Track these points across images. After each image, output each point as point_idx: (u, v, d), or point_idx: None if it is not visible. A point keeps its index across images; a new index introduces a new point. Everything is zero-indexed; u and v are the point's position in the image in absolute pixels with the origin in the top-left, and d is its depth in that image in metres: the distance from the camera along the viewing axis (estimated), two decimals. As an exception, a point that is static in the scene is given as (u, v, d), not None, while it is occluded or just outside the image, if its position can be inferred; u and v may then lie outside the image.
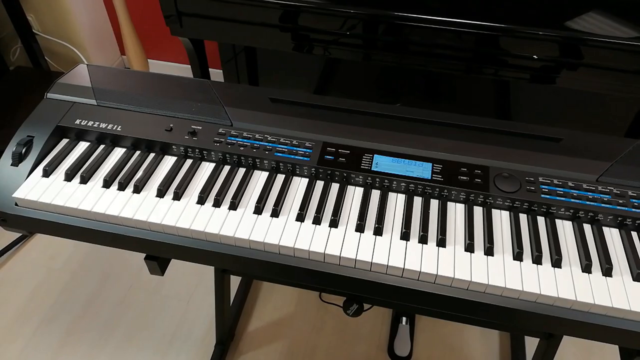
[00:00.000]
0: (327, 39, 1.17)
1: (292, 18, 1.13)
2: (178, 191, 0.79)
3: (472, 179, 0.80)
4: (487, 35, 1.03)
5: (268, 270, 0.75)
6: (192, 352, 1.41)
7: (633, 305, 0.66)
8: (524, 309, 0.69)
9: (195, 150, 0.85)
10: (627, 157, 0.82)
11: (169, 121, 0.88)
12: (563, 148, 0.84)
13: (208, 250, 0.75)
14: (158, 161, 0.85)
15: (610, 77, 1.04)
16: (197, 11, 1.17)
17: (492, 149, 0.83)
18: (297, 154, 0.83)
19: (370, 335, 1.46)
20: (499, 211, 0.79)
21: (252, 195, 0.80)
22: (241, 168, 0.84)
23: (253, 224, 0.75)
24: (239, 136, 0.85)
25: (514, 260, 0.72)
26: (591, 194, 0.77)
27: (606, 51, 1.00)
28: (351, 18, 1.10)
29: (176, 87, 0.95)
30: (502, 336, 1.46)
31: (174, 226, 0.75)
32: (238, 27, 1.19)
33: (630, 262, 0.71)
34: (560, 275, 0.70)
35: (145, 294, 1.54)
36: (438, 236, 0.74)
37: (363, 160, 0.83)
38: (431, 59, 1.13)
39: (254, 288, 1.56)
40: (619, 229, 0.77)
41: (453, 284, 0.71)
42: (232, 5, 1.14)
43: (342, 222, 0.76)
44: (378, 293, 0.74)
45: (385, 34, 1.11)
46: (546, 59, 1.04)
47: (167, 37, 2.17)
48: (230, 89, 0.95)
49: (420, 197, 0.80)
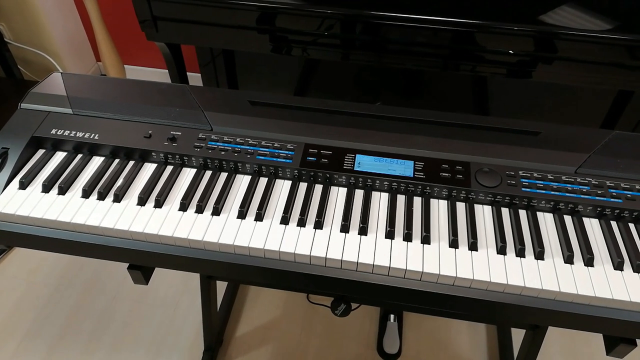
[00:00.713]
0: (305, 40, 1.17)
1: (269, 20, 1.13)
2: (159, 199, 0.78)
3: (453, 175, 0.80)
4: (462, 32, 1.04)
5: (254, 274, 0.75)
6: (181, 359, 1.39)
7: (615, 293, 0.67)
8: (509, 302, 0.70)
9: (176, 157, 0.84)
10: (603, 148, 0.84)
11: (147, 128, 0.86)
12: (541, 141, 0.85)
13: (192, 257, 0.74)
14: (138, 169, 0.83)
15: (584, 69, 1.06)
16: (173, 15, 1.16)
17: (472, 144, 0.84)
18: (279, 156, 0.83)
19: (359, 334, 1.46)
20: (481, 206, 0.80)
21: (235, 199, 0.79)
22: (223, 173, 0.83)
23: (237, 229, 0.74)
24: (219, 140, 0.84)
25: (498, 254, 0.72)
26: (570, 185, 0.79)
27: (579, 44, 1.02)
28: (328, 18, 1.10)
29: (154, 93, 0.93)
30: (489, 328, 1.48)
31: (156, 234, 0.74)
32: (215, 30, 1.18)
33: (611, 251, 0.73)
34: (544, 267, 0.71)
35: (130, 304, 1.52)
36: (422, 233, 0.75)
37: (345, 160, 0.83)
38: (409, 57, 1.13)
39: (241, 292, 1.55)
40: (598, 219, 0.78)
41: (439, 281, 0.71)
42: (208, 9, 1.13)
43: (326, 223, 0.76)
44: (365, 292, 0.74)
45: (363, 34, 1.11)
46: (522, 54, 1.06)
47: (143, 42, 2.15)
48: (209, 93, 0.94)
49: (403, 195, 0.81)
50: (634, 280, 0.69)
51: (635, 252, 0.72)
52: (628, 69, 1.04)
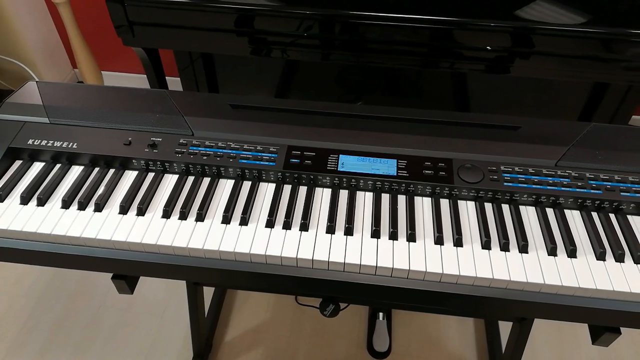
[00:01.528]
0: (284, 42, 1.16)
1: (247, 22, 1.12)
2: (142, 206, 0.76)
3: (436, 173, 0.81)
4: (440, 30, 1.05)
5: (241, 279, 0.74)
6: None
7: (598, 283, 0.68)
8: (495, 296, 0.70)
9: (157, 163, 0.83)
10: (582, 140, 0.85)
11: (127, 135, 0.85)
12: (521, 136, 0.86)
13: (177, 264, 0.73)
14: (118, 177, 0.82)
15: (561, 63, 1.08)
16: (150, 20, 1.15)
17: (454, 141, 0.85)
18: (262, 159, 0.82)
19: (348, 333, 1.46)
20: (464, 202, 0.80)
21: (219, 204, 0.78)
22: (205, 178, 0.83)
23: (222, 235, 0.74)
24: (201, 145, 0.84)
25: (483, 249, 0.73)
26: (551, 178, 0.80)
27: (555, 39, 1.03)
28: (307, 19, 1.10)
29: (133, 99, 0.92)
30: (477, 322, 1.49)
31: (139, 243, 0.73)
32: (193, 34, 1.16)
33: (593, 242, 0.74)
34: (528, 261, 0.71)
35: (116, 313, 1.50)
36: (408, 231, 0.75)
37: (329, 161, 0.82)
38: (389, 56, 1.14)
39: (229, 296, 1.54)
40: (580, 211, 0.79)
41: (426, 278, 0.71)
42: (185, 13, 1.12)
43: (312, 225, 0.76)
44: (353, 292, 0.74)
45: (341, 34, 1.11)
46: (499, 50, 1.07)
47: (120, 47, 2.12)
48: (189, 98, 0.93)
49: (387, 194, 0.81)
50: (616, 270, 0.70)
51: (616, 242, 0.73)
52: (603, 62, 1.06)
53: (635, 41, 1.01)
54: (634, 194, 0.78)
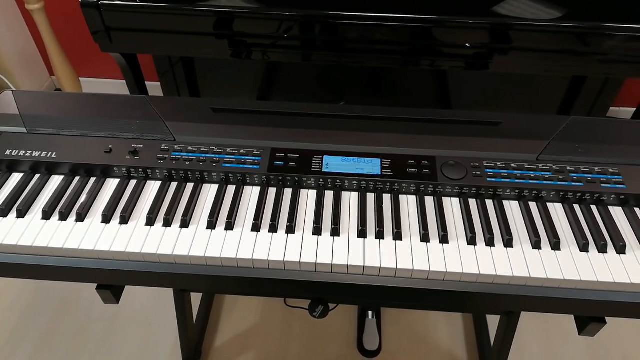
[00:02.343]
0: (264, 43, 1.16)
1: (226, 25, 1.11)
2: (124, 215, 0.75)
3: (420, 170, 0.81)
4: (419, 28, 1.06)
5: (228, 285, 0.74)
6: (159, 376, 1.37)
7: (583, 275, 0.69)
8: (482, 291, 0.71)
9: (139, 170, 0.82)
10: (562, 133, 0.86)
11: (107, 142, 0.84)
12: (503, 131, 0.87)
13: (163, 272, 0.72)
14: (100, 185, 0.81)
15: (539, 58, 1.09)
16: (127, 25, 1.13)
17: (436, 139, 0.85)
18: (246, 162, 0.82)
19: (339, 333, 1.46)
20: (449, 199, 0.81)
21: (204, 210, 0.78)
22: (189, 183, 0.82)
23: (207, 240, 0.73)
24: (183, 150, 0.83)
25: (469, 245, 0.74)
26: (533, 172, 0.81)
27: (532, 34, 1.05)
28: (286, 20, 1.10)
29: (112, 106, 0.91)
30: (466, 317, 1.50)
31: (124, 252, 0.71)
32: (172, 38, 1.15)
33: (576, 234, 0.75)
34: (513, 255, 0.72)
35: (103, 323, 1.48)
36: (394, 230, 0.75)
37: (313, 162, 0.82)
38: (369, 55, 1.14)
39: (217, 301, 1.53)
40: (562, 204, 0.80)
41: (413, 276, 0.72)
42: (163, 17, 1.11)
43: (298, 227, 0.76)
44: (342, 293, 0.74)
45: (321, 34, 1.11)
46: (478, 46, 1.08)
47: (97, 53, 2.08)
48: (170, 103, 0.92)
49: (372, 193, 0.81)
50: (599, 261, 0.71)
51: (598, 233, 0.74)
52: (580, 56, 1.08)
53: (610, 34, 1.03)
54: (614, 185, 0.79)
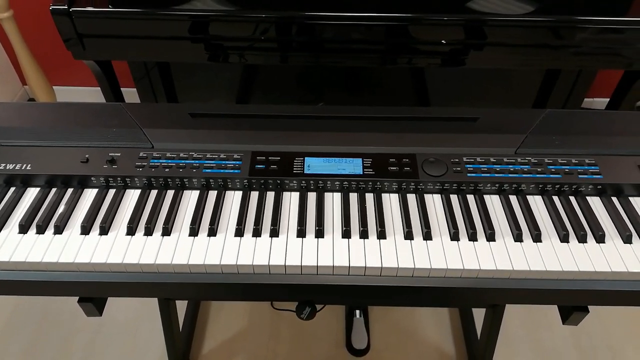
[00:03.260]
0: (241, 46, 1.15)
1: (202, 29, 1.10)
2: (104, 225, 0.74)
3: (401, 168, 0.81)
4: (395, 26, 1.06)
5: (214, 292, 0.73)
6: (147, 386, 1.34)
7: (564, 265, 0.70)
8: (467, 286, 0.71)
9: (117, 179, 0.80)
10: (538, 126, 0.88)
11: (84, 152, 0.82)
12: (481, 126, 0.88)
13: (146, 282, 0.71)
14: (78, 196, 0.79)
15: (513, 52, 1.11)
16: (100, 32, 1.11)
17: (416, 136, 0.86)
18: (227, 167, 0.81)
19: (327, 334, 1.46)
20: (431, 195, 0.81)
21: (185, 217, 0.77)
22: (169, 190, 0.81)
23: (190, 248, 0.72)
24: (162, 157, 0.82)
25: (452, 240, 0.74)
26: (512, 166, 0.82)
27: (506, 29, 1.06)
28: (262, 22, 1.09)
29: (88, 115, 0.89)
30: (452, 311, 1.52)
31: (105, 263, 0.70)
32: (146, 44, 1.14)
33: (556, 225, 0.76)
34: (496, 248, 0.73)
35: (87, 335, 1.45)
36: (377, 229, 0.75)
37: (295, 164, 0.82)
38: (347, 55, 1.14)
39: (203, 307, 1.52)
40: (541, 196, 0.81)
41: (399, 274, 0.72)
42: (137, 22, 1.09)
43: (282, 230, 0.75)
44: (329, 294, 0.74)
45: (298, 35, 1.11)
46: (453, 43, 1.09)
47: (71, 60, 2.05)
48: (147, 109, 0.91)
49: (355, 193, 0.81)
50: (580, 251, 0.72)
51: (578, 223, 0.75)
52: (553, 49, 1.10)
53: (582, 27, 1.05)
54: (591, 175, 0.80)
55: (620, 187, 0.80)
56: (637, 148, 0.84)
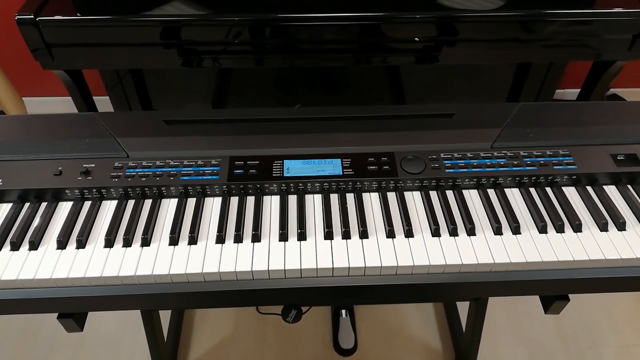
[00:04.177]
0: (214, 50, 1.14)
1: (174, 34, 1.09)
2: (81, 239, 0.72)
3: (380, 167, 0.82)
4: (368, 25, 1.06)
5: (198, 300, 0.72)
6: (134, 399, 1.32)
7: (544, 256, 0.71)
8: (450, 281, 0.72)
9: (92, 191, 0.78)
10: (513, 120, 0.89)
11: (56, 164, 0.80)
12: (456, 122, 0.89)
13: (127, 294, 0.70)
14: (52, 210, 0.77)
15: (484, 47, 1.12)
16: (68, 40, 1.09)
17: (393, 134, 0.86)
18: (205, 173, 0.80)
19: (314, 335, 1.46)
20: (410, 193, 0.81)
21: (165, 226, 0.75)
22: (147, 200, 0.79)
23: (171, 257, 0.71)
24: (138, 167, 0.80)
25: (433, 237, 0.75)
26: (489, 160, 0.83)
27: (476, 24, 1.08)
28: (235, 26, 1.08)
29: (59, 126, 0.87)
30: (437, 305, 1.53)
31: (83, 277, 0.69)
32: (117, 51, 1.12)
33: (534, 217, 0.77)
34: (477, 242, 0.74)
35: (69, 351, 1.42)
36: (359, 229, 0.75)
37: (274, 168, 0.81)
38: (322, 55, 1.14)
39: (187, 315, 1.50)
40: (518, 188, 0.82)
41: (382, 272, 0.72)
42: (106, 30, 1.07)
43: (264, 235, 0.75)
44: (314, 297, 0.74)
45: (272, 37, 1.10)
46: (426, 40, 1.10)
47: (40, 70, 2.00)
48: (120, 118, 0.89)
49: (336, 194, 0.81)
50: (558, 241, 0.73)
51: (555, 214, 0.77)
52: (523, 43, 1.12)
53: (550, 20, 1.07)
54: (565, 166, 0.82)
55: (594, 176, 0.82)
56: (609, 137, 0.86)
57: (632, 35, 1.11)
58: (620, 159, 0.83)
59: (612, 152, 0.83)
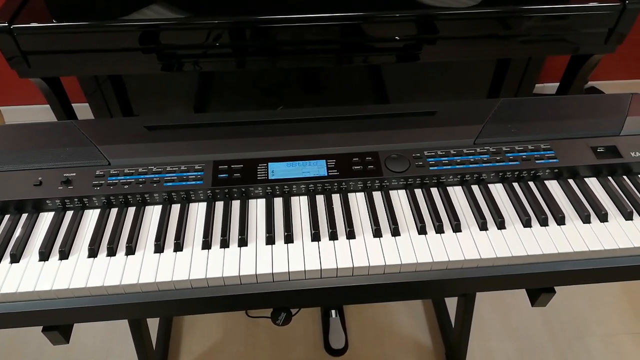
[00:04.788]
0: (195, 54, 1.13)
1: (153, 39, 1.08)
2: (64, 249, 0.71)
3: (365, 167, 0.82)
4: (349, 25, 1.07)
5: (184, 307, 0.71)
6: (124, 409, 1.31)
7: (529, 249, 0.72)
8: (437, 278, 0.72)
9: (74, 200, 0.77)
10: (494, 116, 0.90)
11: (36, 175, 0.79)
12: (439, 120, 0.89)
13: (114, 304, 0.69)
14: (33, 221, 0.76)
15: (464, 45, 1.13)
16: (45, 48, 1.07)
17: (377, 134, 0.86)
18: (189, 179, 0.79)
19: (304, 336, 1.45)
20: (396, 191, 0.82)
21: (149, 234, 0.74)
22: (130, 207, 0.78)
23: (157, 265, 0.70)
24: (120, 174, 0.79)
25: (419, 234, 0.75)
26: (472, 156, 0.83)
27: (455, 22, 1.08)
28: (215, 29, 1.07)
29: (38, 136, 0.85)
30: (426, 302, 1.54)
31: (67, 289, 0.67)
32: (95, 57, 1.10)
33: (518, 211, 0.78)
34: (463, 239, 0.74)
35: (55, 363, 1.40)
36: (346, 229, 0.75)
37: (258, 171, 0.81)
38: (303, 56, 1.14)
39: (176, 322, 1.48)
40: (502, 183, 0.83)
41: (370, 272, 0.72)
42: (84, 36, 1.06)
43: (250, 238, 0.74)
44: (303, 299, 0.73)
45: (252, 39, 1.10)
46: (406, 39, 1.10)
47: (17, 79, 1.96)
48: (100, 125, 0.88)
49: (321, 195, 0.81)
50: (543, 234, 0.74)
51: (538, 208, 0.78)
52: (502, 39, 1.13)
53: (527, 16, 1.08)
54: (547, 160, 0.83)
55: (576, 169, 0.83)
56: (588, 130, 0.87)
57: (608, 29, 1.12)
58: (600, 151, 0.84)
59: (592, 145, 0.85)
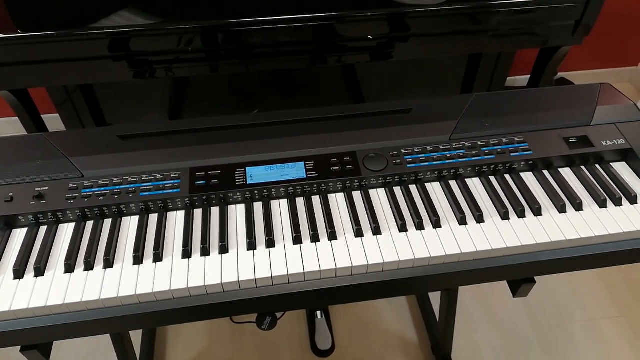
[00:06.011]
0: (167, 59, 1.11)
1: (122, 46, 1.05)
2: (39, 266, 0.69)
3: (344, 167, 0.82)
4: (320, 26, 1.06)
5: (168, 318, 0.70)
6: None
7: (508, 241, 0.73)
8: (420, 274, 0.73)
9: (47, 215, 0.75)
10: (468, 111, 0.91)
11: (6, 190, 0.76)
12: (414, 117, 0.90)
13: (94, 319, 0.67)
14: (5, 239, 0.74)
15: (435, 41, 1.14)
16: (10, 59, 1.04)
17: (354, 133, 0.86)
18: (165, 188, 0.78)
19: (290, 339, 1.45)
20: (375, 190, 0.82)
21: (127, 245, 0.73)
22: (106, 219, 0.77)
23: (136, 276, 0.69)
24: (94, 186, 0.77)
25: (400, 232, 0.75)
26: (448, 152, 0.84)
27: (426, 19, 1.09)
28: (185, 34, 1.06)
29: (7, 150, 0.83)
30: (410, 298, 1.55)
31: (44, 306, 0.66)
32: (64, 66, 1.07)
33: (496, 204, 0.79)
34: (443, 234, 0.75)
35: (36, 382, 1.36)
36: (328, 230, 0.75)
37: (236, 176, 0.80)
38: (276, 58, 1.13)
39: (160, 333, 1.46)
40: (479, 177, 0.84)
41: (353, 272, 0.72)
42: (52, 45, 1.03)
43: (232, 245, 0.74)
44: (287, 303, 0.73)
45: (224, 43, 1.09)
46: (379, 37, 1.10)
47: (-17, 91, 1.91)
48: (71, 137, 0.86)
49: (301, 198, 0.81)
50: (521, 226, 0.75)
51: (515, 200, 0.79)
52: (472, 34, 1.14)
53: (496, 11, 1.09)
54: (522, 152, 0.84)
55: (549, 160, 0.85)
56: (560, 121, 0.89)
57: (575, 21, 1.15)
58: (573, 142, 0.86)
59: (564, 136, 0.86)
